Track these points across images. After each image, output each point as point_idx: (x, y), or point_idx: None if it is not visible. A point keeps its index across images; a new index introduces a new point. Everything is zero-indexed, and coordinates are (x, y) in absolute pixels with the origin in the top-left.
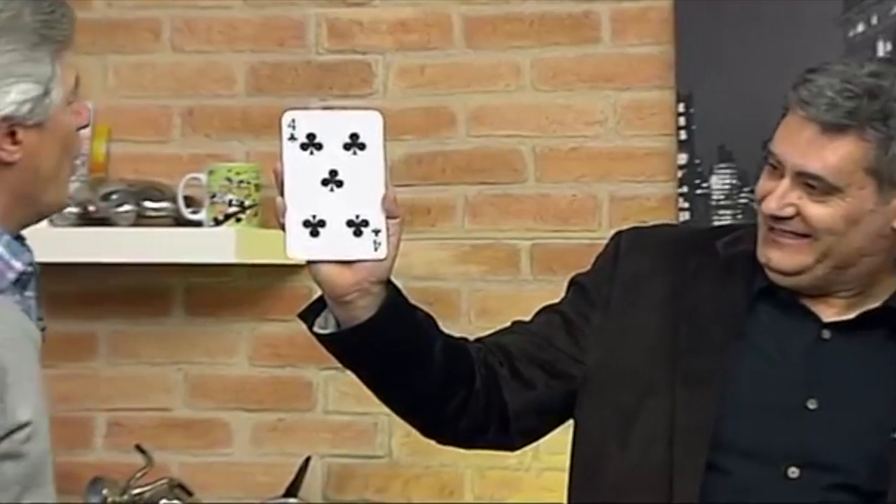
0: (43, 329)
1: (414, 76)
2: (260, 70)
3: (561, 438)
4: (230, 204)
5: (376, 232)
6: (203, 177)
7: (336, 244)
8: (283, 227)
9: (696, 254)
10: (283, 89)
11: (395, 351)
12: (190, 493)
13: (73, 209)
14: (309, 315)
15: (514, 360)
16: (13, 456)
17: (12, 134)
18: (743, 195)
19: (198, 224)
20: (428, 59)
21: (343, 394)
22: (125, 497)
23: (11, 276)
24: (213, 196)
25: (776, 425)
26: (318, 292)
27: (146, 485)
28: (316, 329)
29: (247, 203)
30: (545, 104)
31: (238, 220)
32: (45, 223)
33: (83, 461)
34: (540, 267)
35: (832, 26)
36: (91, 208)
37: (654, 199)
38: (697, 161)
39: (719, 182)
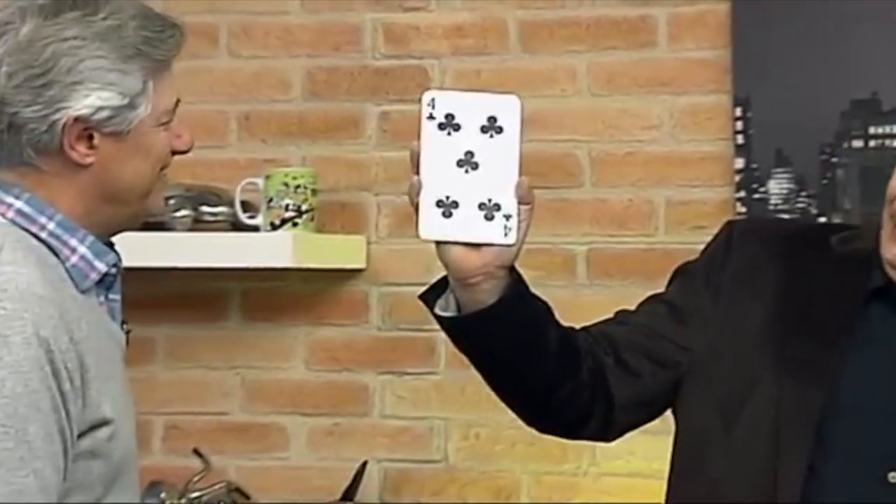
0: (128, 332)
1: (470, 81)
2: (316, 75)
3: (618, 443)
4: (287, 209)
5: (507, 217)
6: (260, 181)
7: (467, 226)
8: (415, 207)
9: (809, 248)
10: (339, 94)
11: (514, 338)
12: (247, 497)
13: None
14: (430, 297)
15: (620, 349)
16: (96, 455)
17: (90, 137)
18: (800, 199)
19: (255, 229)
20: (484, 63)
21: (399, 398)
22: (183, 500)
23: (94, 276)
24: (270, 201)
25: (880, 428)
26: (375, 297)
27: (204, 488)
28: (437, 311)
29: (303, 208)
30: (601, 108)
31: (295, 224)
32: None
33: (141, 465)
34: (596, 271)
35: (891, 28)
36: None
37: (710, 204)
38: (754, 165)
39: (777, 186)
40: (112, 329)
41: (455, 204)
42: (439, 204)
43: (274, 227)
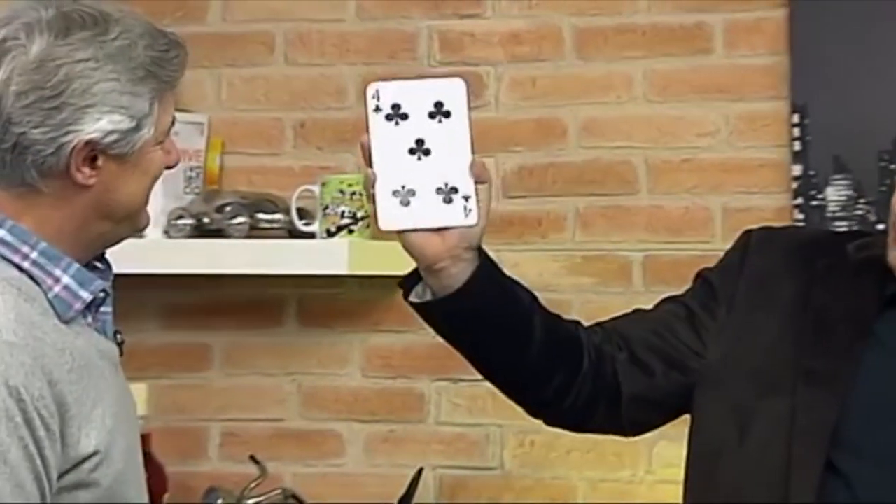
0: (121, 343)
1: (525, 88)
2: (372, 82)
3: (675, 451)
4: (343, 216)
5: (466, 198)
6: (316, 188)
7: (427, 212)
8: (372, 200)
9: (825, 255)
10: None
11: (490, 320)
12: None
13: (188, 221)
14: (406, 287)
15: (634, 346)
16: (83, 485)
17: (93, 159)
18: (859, 206)
19: (310, 236)
20: (539, 70)
21: (455, 405)
22: None
23: (79, 305)
24: (326, 208)
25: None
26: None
27: (260, 495)
28: (411, 298)
29: (359, 214)
30: (657, 115)
31: (350, 231)
32: (160, 234)
33: (198, 471)
34: (652, 278)
35: None
36: (205, 220)
37: (768, 211)
38: (812, 172)
39: (835, 193)
40: (103, 347)
41: (412, 192)
42: (395, 193)
43: (330, 234)
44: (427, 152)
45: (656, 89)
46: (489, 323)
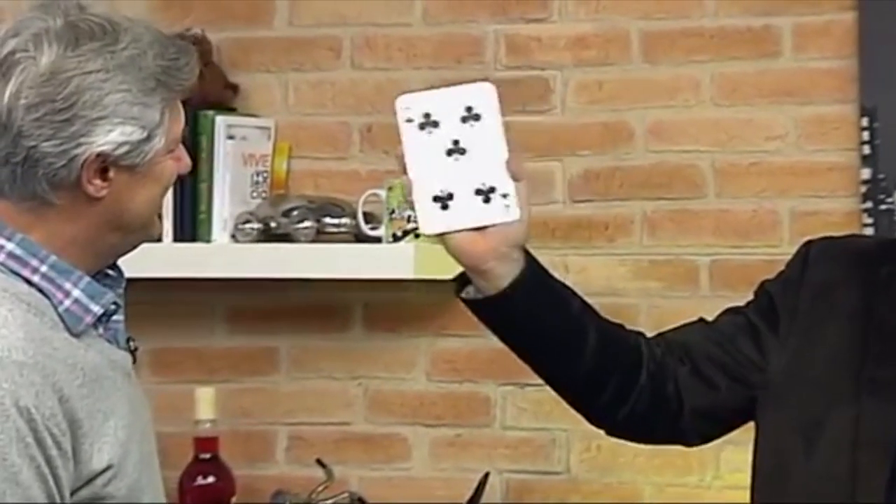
0: (135, 350)
1: (592, 92)
2: (438, 86)
3: (742, 456)
4: (409, 220)
5: (505, 196)
6: (382, 193)
7: (467, 213)
8: (411, 207)
9: (887, 264)
10: None
11: (541, 320)
12: None
13: (255, 225)
14: (458, 287)
15: (697, 359)
16: (97, 499)
17: (104, 170)
18: None
19: (377, 240)
20: (606, 74)
21: (521, 409)
22: None
23: (89, 319)
24: (392, 212)
25: None
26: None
27: (327, 498)
28: (463, 294)
29: (414, 218)
30: (725, 119)
31: (416, 235)
32: (227, 239)
33: (265, 474)
34: (719, 283)
35: None
36: (272, 224)
37: (836, 215)
38: (881, 176)
39: None
40: (115, 357)
41: (450, 196)
42: (435, 199)
43: (396, 239)
44: (463, 152)
45: (724, 93)
46: (539, 325)
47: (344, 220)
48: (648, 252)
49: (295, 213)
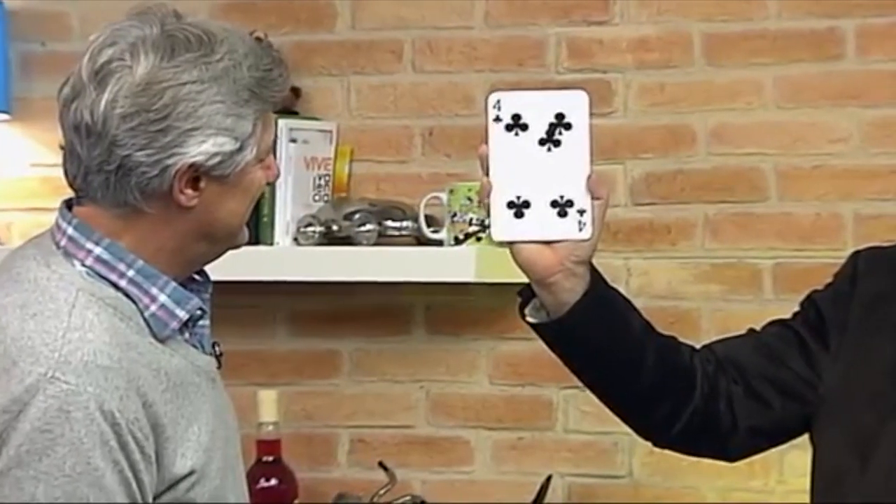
0: (220, 355)
1: (654, 94)
2: (500, 89)
3: (806, 460)
4: (470, 223)
5: (581, 212)
6: (444, 196)
7: (541, 225)
8: (486, 209)
9: None
10: None
11: (602, 340)
12: None
13: (317, 228)
14: (523, 301)
15: (750, 378)
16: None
17: (196, 180)
18: None
19: (438, 243)
20: (668, 77)
21: (583, 413)
22: None
23: (175, 324)
24: (454, 215)
25: None
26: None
27: (389, 501)
28: (528, 318)
29: (487, 222)
30: (787, 122)
31: (478, 238)
32: (289, 242)
33: (327, 477)
34: (782, 286)
35: None
36: (334, 227)
37: None
38: None
39: None
40: (200, 362)
41: (526, 204)
42: (510, 205)
43: (458, 242)
44: (546, 160)
45: (787, 95)
46: (599, 347)
47: (405, 224)
48: (710, 256)
49: (357, 216)
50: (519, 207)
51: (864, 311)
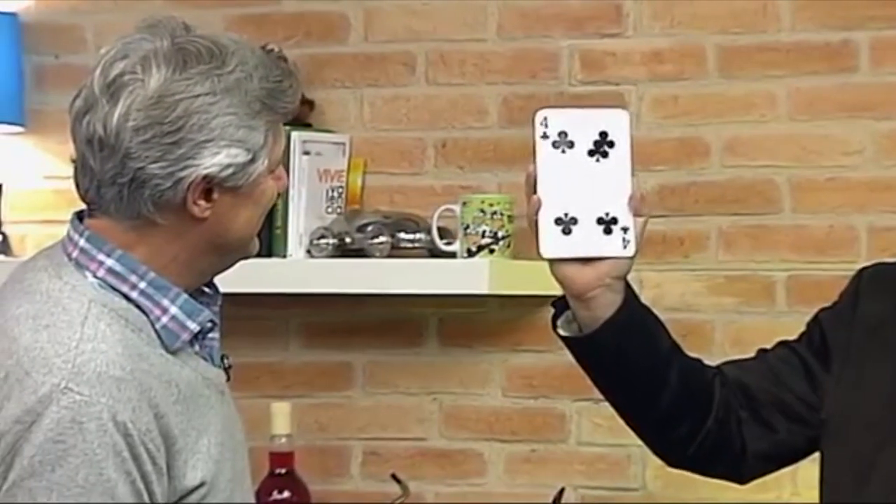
0: (229, 367)
1: (667, 106)
2: (512, 102)
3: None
4: (483, 235)
5: (625, 230)
6: (457, 208)
7: (587, 242)
8: (534, 226)
9: None
10: None
11: (631, 358)
12: None
13: (330, 240)
14: (555, 311)
15: (756, 402)
16: None
17: (208, 191)
18: None
19: (451, 255)
20: (681, 89)
21: (596, 425)
22: None
23: (186, 336)
24: (467, 227)
25: None
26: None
27: None
28: (560, 331)
29: (500, 234)
30: (801, 134)
31: (491, 251)
32: (302, 254)
33: (340, 489)
34: (796, 298)
35: None
36: (347, 240)
37: None
38: None
39: None
40: (209, 374)
41: (574, 220)
42: (558, 221)
43: (471, 254)
44: (593, 177)
45: (800, 107)
46: (627, 363)
47: (419, 236)
48: (724, 268)
49: (370, 228)
50: (567, 224)
51: (865, 335)
